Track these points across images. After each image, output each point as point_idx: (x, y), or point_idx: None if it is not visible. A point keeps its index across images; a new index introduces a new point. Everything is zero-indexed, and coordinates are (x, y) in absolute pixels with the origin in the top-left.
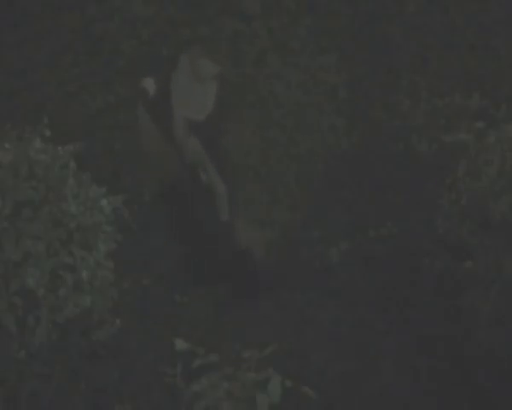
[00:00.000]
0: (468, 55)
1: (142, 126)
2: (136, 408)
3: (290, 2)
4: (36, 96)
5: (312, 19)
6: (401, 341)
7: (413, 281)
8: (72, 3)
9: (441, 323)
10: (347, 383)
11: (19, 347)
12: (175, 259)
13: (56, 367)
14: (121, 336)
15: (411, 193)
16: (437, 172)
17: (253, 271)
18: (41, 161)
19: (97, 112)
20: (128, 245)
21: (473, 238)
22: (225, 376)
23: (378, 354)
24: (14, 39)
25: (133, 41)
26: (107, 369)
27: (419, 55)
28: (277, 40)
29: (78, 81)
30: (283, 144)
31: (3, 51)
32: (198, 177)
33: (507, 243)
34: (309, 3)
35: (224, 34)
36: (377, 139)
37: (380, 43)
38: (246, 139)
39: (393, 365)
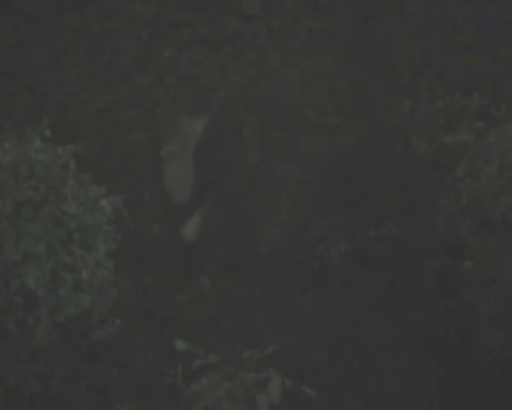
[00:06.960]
0: (468, 55)
1: None
2: (136, 408)
3: (290, 2)
4: (36, 96)
5: (312, 19)
6: (401, 341)
7: (413, 281)
8: (72, 3)
9: (441, 323)
10: (347, 383)
11: (19, 347)
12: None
13: (56, 367)
14: (121, 336)
15: (411, 193)
16: (437, 172)
17: None
18: (41, 161)
19: (97, 112)
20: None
21: (473, 238)
22: (225, 376)
23: (378, 354)
24: (14, 39)
25: (133, 41)
26: (107, 369)
27: (419, 55)
28: (277, 40)
29: (78, 81)
30: (283, 144)
31: (3, 51)
32: None
33: (507, 243)
34: (309, 3)
35: (223, 34)
36: (377, 139)
37: (380, 43)
38: (246, 139)
39: (393, 365)
